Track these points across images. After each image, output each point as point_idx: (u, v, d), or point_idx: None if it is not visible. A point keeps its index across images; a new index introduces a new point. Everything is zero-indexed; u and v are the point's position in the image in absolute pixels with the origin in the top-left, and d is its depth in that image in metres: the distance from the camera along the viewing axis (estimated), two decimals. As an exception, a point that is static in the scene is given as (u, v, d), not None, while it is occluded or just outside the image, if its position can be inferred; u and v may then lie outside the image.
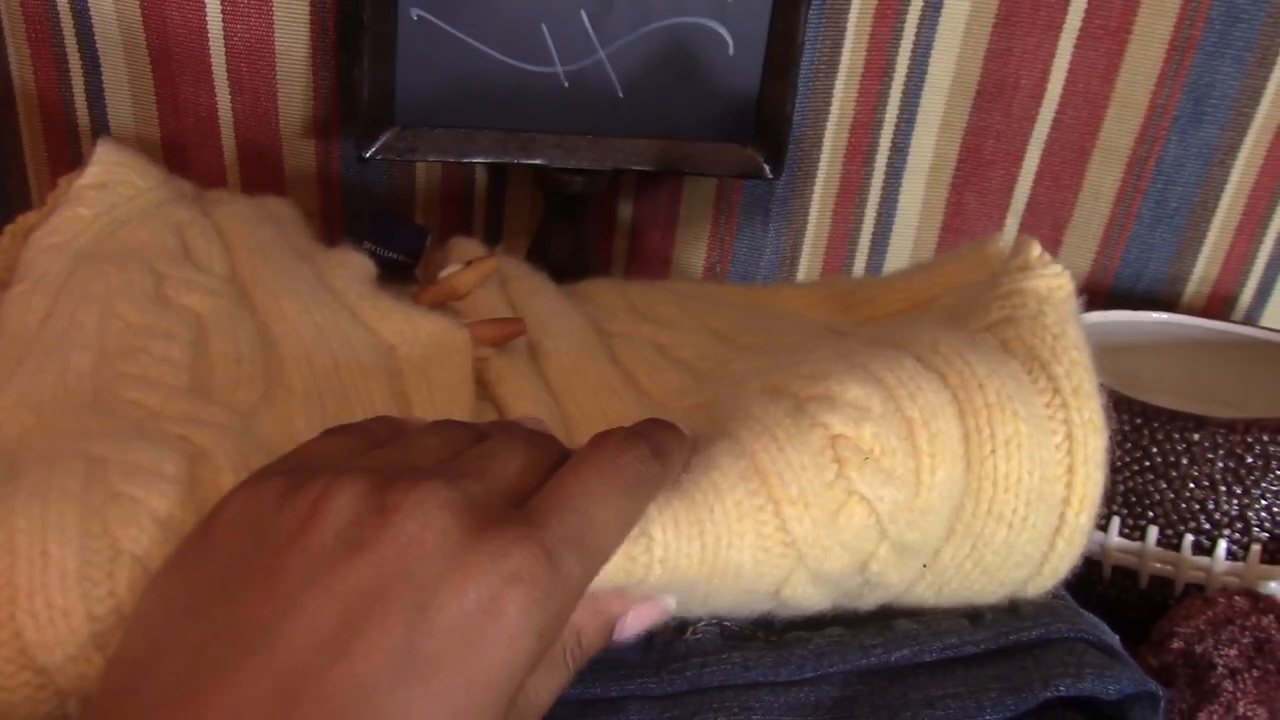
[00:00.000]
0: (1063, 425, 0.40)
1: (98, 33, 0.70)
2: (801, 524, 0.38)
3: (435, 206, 0.78)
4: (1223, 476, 0.57)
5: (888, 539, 0.39)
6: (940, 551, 0.41)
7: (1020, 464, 0.39)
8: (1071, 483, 0.40)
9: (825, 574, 0.39)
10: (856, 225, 0.81)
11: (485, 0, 0.65)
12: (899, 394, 0.39)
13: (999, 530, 0.40)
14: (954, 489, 0.39)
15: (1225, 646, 0.51)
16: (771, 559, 0.38)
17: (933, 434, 0.39)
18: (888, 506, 0.38)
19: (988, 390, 0.40)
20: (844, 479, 0.38)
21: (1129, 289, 0.82)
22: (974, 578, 0.41)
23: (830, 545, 0.38)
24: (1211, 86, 0.74)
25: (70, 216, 0.55)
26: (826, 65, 0.75)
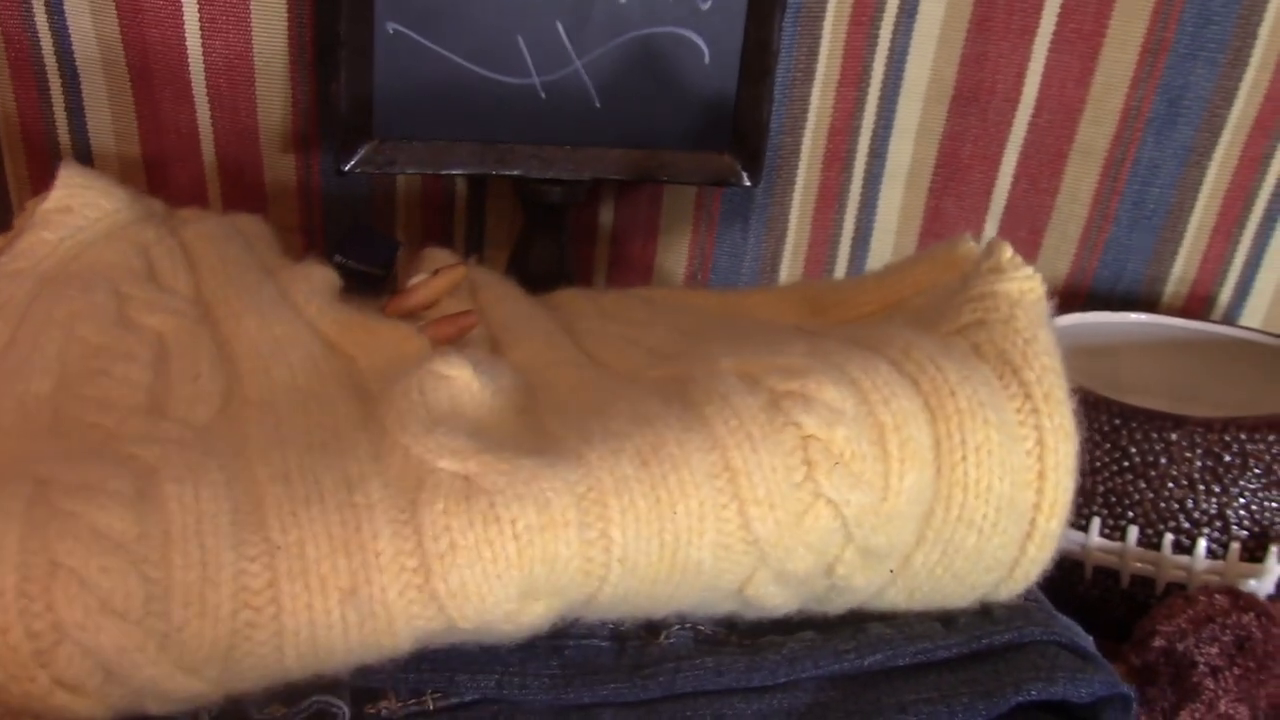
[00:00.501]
0: (1034, 431, 0.41)
1: (77, 51, 0.70)
2: (765, 524, 0.38)
3: (416, 219, 0.78)
4: (1201, 475, 0.57)
5: (853, 543, 0.39)
6: (911, 557, 0.41)
7: (991, 470, 0.40)
8: (1042, 488, 0.41)
9: (789, 574, 0.39)
10: (836, 231, 0.81)
11: (461, 13, 0.65)
12: (873, 398, 0.40)
13: (969, 536, 0.40)
14: (923, 494, 0.39)
15: (1206, 644, 0.51)
16: (733, 557, 0.38)
17: (904, 439, 0.39)
18: (854, 510, 0.39)
19: (959, 397, 0.40)
20: (812, 481, 0.38)
21: (1108, 290, 0.82)
22: (945, 582, 0.42)
23: (794, 546, 0.38)
24: (1185, 88, 0.75)
25: (35, 241, 0.55)
26: (803, 72, 0.75)
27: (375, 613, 0.36)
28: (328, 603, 0.36)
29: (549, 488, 0.38)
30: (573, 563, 0.37)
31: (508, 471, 0.38)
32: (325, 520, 0.37)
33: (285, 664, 0.37)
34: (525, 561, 0.37)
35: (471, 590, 0.37)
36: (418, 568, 0.37)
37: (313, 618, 0.36)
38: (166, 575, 0.35)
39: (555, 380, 0.50)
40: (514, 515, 0.37)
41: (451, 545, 0.37)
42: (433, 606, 0.37)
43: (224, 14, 0.69)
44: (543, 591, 0.37)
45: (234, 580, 0.36)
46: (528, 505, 0.37)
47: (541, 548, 0.37)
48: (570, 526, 0.37)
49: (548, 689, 0.39)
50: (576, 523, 0.37)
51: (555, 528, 0.37)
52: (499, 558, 0.37)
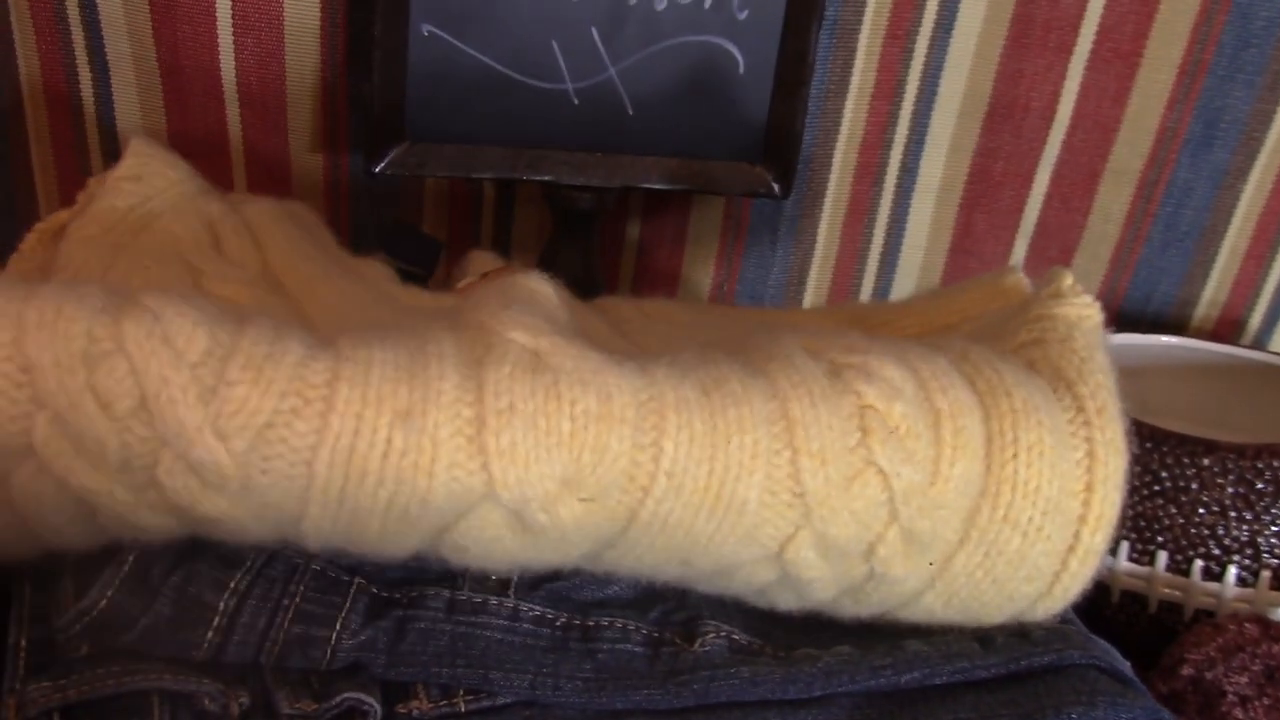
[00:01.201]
0: (1084, 443, 0.41)
1: (108, 45, 0.70)
2: (815, 478, 0.38)
3: (443, 221, 0.78)
4: (1233, 502, 0.56)
5: (898, 522, 0.39)
6: (953, 558, 0.40)
7: (1040, 472, 0.40)
8: (1089, 500, 0.40)
9: (830, 540, 0.39)
10: (865, 245, 0.81)
11: (496, 16, 0.65)
12: (931, 385, 0.40)
13: (1013, 538, 0.40)
14: (971, 486, 0.39)
15: (1236, 674, 0.51)
16: (778, 507, 0.38)
17: (958, 428, 0.39)
18: (903, 485, 0.39)
19: (1014, 397, 0.40)
20: (865, 448, 0.39)
21: (1138, 311, 0.82)
22: (984, 588, 0.41)
23: (839, 509, 0.38)
24: (1222, 110, 0.74)
25: (106, 208, 0.55)
26: (837, 85, 0.75)
27: (421, 445, 0.36)
28: (379, 418, 0.36)
29: (613, 382, 0.38)
30: (620, 461, 0.37)
31: (576, 356, 0.38)
32: (395, 350, 0.37)
33: (314, 479, 0.36)
34: (577, 444, 0.37)
35: (520, 454, 0.36)
36: (473, 418, 0.36)
37: (359, 426, 0.36)
38: (233, 340, 0.36)
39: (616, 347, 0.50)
40: (575, 397, 0.37)
41: (510, 406, 0.37)
42: (478, 460, 0.37)
43: (256, 11, 0.69)
44: (587, 484, 0.37)
45: (295, 366, 0.36)
46: (590, 391, 0.37)
47: (595, 435, 0.37)
48: (626, 424, 0.37)
49: (580, 692, 0.39)
50: (633, 423, 0.37)
51: (611, 420, 0.37)
52: (552, 431, 0.37)
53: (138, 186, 0.57)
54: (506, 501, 0.37)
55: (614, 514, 0.38)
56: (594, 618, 0.41)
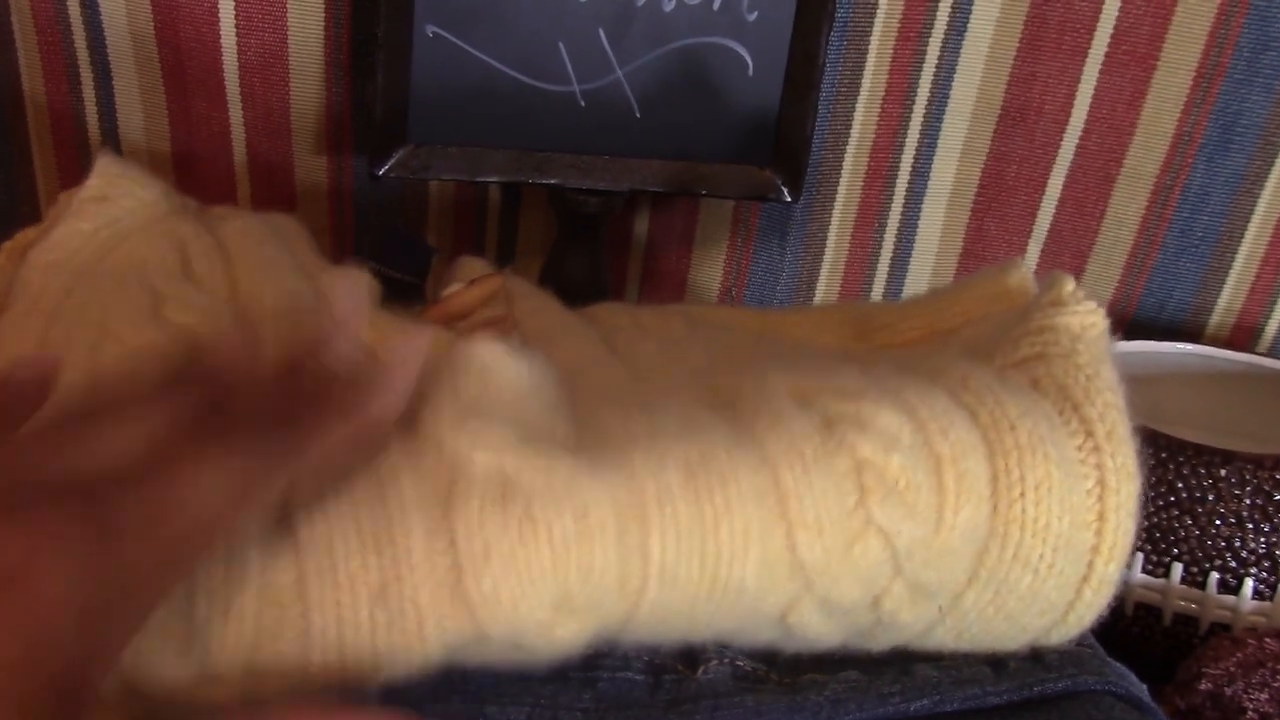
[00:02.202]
0: (1095, 470, 0.40)
1: (110, 45, 0.69)
2: (812, 550, 0.37)
3: (448, 225, 0.78)
4: (1250, 513, 0.56)
5: (903, 576, 0.38)
6: (962, 596, 0.40)
7: (1050, 509, 0.39)
8: (1102, 530, 0.39)
9: (834, 603, 0.38)
10: (875, 250, 0.80)
11: (502, 18, 0.65)
12: (930, 427, 0.39)
13: (1024, 576, 0.39)
14: (977, 531, 0.38)
15: (1255, 690, 0.51)
16: (777, 581, 0.37)
17: (960, 473, 0.38)
18: (905, 542, 0.38)
19: (1019, 431, 0.39)
20: (864, 509, 0.37)
21: (1152, 319, 0.81)
22: (996, 624, 0.40)
23: (841, 575, 0.37)
24: (1239, 114, 0.74)
25: (70, 231, 0.54)
26: (847, 88, 0.74)
27: (405, 613, 0.35)
28: (356, 601, 0.35)
29: (588, 493, 0.36)
30: (609, 574, 0.36)
31: (546, 470, 0.36)
32: (355, 515, 0.36)
33: (310, 669, 0.35)
34: (561, 570, 0.36)
35: (504, 596, 0.35)
36: (450, 567, 0.35)
37: (340, 615, 0.35)
38: (190, 579, 0.34)
39: (597, 380, 0.49)
40: (550, 520, 0.36)
41: (485, 547, 0.35)
42: (464, 611, 0.36)
43: (260, 12, 0.69)
44: (578, 604, 0.36)
45: (259, 577, 0.35)
46: (565, 511, 0.36)
47: (578, 556, 0.36)
48: (608, 535, 0.36)
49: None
50: (615, 532, 0.36)
51: (593, 536, 0.36)
52: (534, 564, 0.36)
53: (103, 207, 0.56)
54: (500, 642, 0.36)
55: (610, 618, 0.37)
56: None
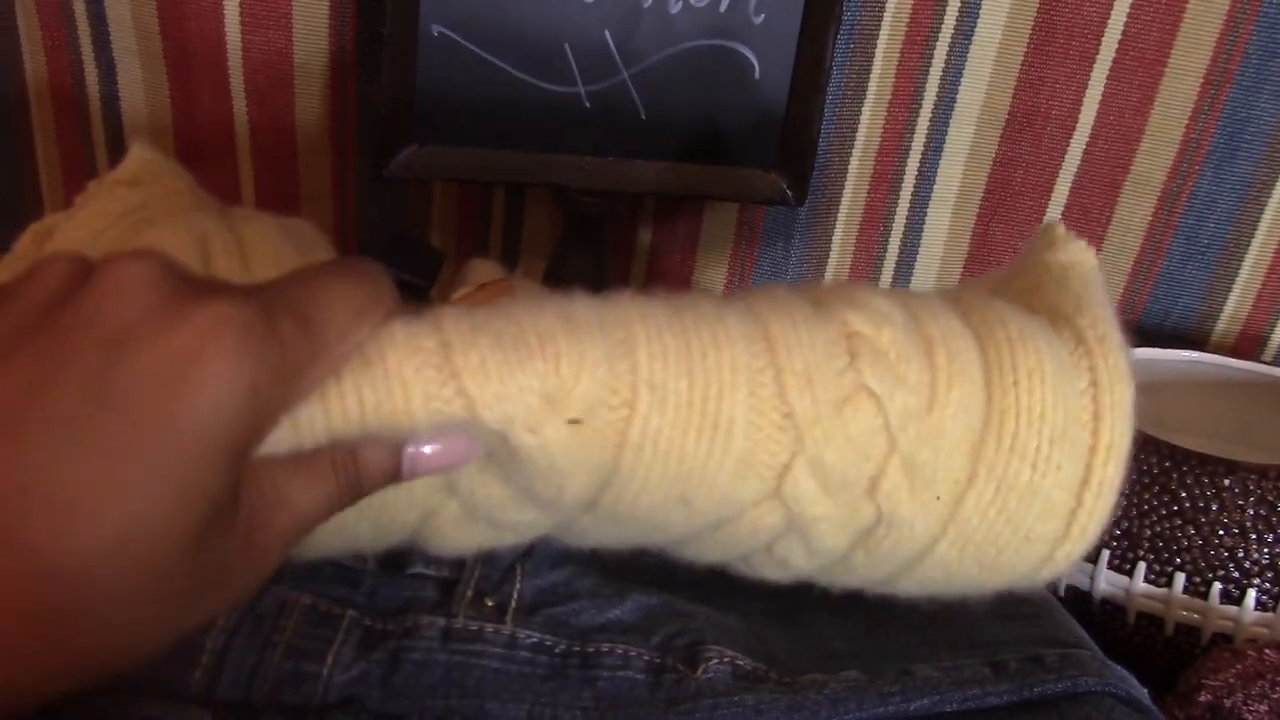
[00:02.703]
0: (1088, 372, 0.39)
1: (114, 40, 0.70)
2: (802, 399, 0.37)
3: (451, 225, 0.78)
4: (1254, 524, 0.56)
5: (898, 451, 0.38)
6: (963, 498, 0.39)
7: (1043, 398, 0.38)
8: (1098, 430, 0.39)
9: (829, 466, 0.37)
10: (880, 254, 0.80)
11: (507, 18, 0.65)
12: (921, 315, 0.39)
13: (1023, 470, 0.39)
14: (971, 416, 0.38)
15: (1255, 702, 0.51)
16: (768, 428, 0.37)
17: (952, 353, 0.38)
18: (898, 409, 0.37)
19: (1009, 326, 0.39)
20: (855, 371, 0.37)
21: (1157, 326, 0.81)
22: (999, 530, 0.39)
23: (833, 433, 0.37)
24: (1247, 121, 0.73)
25: (97, 212, 0.55)
26: (854, 91, 0.74)
27: (392, 389, 0.34)
28: (340, 381, 0.34)
29: (571, 304, 0.36)
30: (599, 369, 0.35)
31: (524, 297, 0.37)
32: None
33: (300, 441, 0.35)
34: (549, 353, 0.35)
35: (492, 368, 0.35)
36: (435, 347, 0.35)
37: (326, 400, 0.34)
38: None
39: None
40: (534, 318, 0.36)
41: (472, 328, 0.35)
42: (452, 385, 0.35)
43: (264, 9, 0.69)
44: (571, 401, 0.35)
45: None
46: (547, 311, 0.36)
47: (566, 344, 0.35)
48: (594, 332, 0.36)
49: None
50: (600, 334, 0.36)
51: (578, 330, 0.36)
52: (520, 344, 0.35)
53: (133, 192, 0.56)
54: (490, 422, 0.35)
55: (603, 436, 0.36)
56: (594, 644, 0.41)
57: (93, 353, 0.29)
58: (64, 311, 0.30)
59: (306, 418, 0.34)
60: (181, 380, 0.30)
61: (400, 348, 0.35)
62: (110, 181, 0.57)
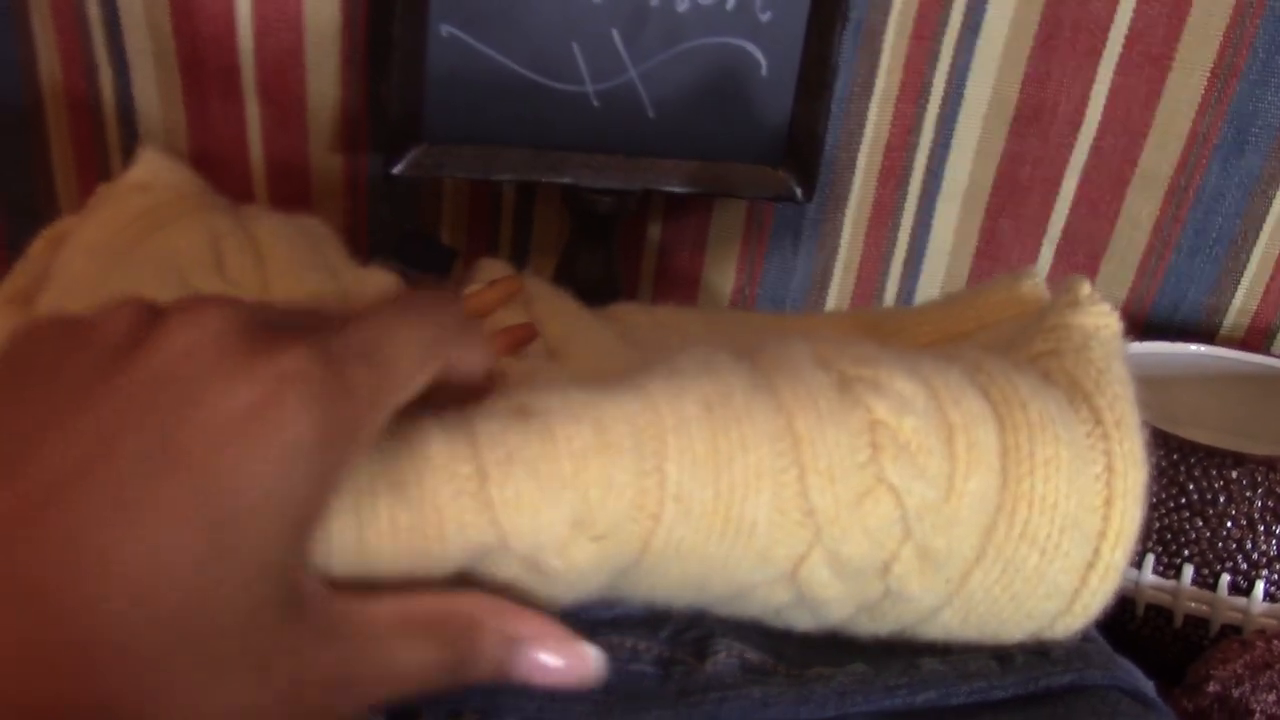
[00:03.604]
0: (1103, 456, 0.40)
1: (128, 42, 0.70)
2: (824, 497, 0.37)
3: (462, 224, 0.78)
4: (1261, 515, 0.56)
5: (912, 539, 0.38)
6: (969, 575, 0.40)
7: (1058, 487, 0.39)
8: (1109, 515, 0.39)
9: (844, 559, 0.38)
10: (889, 250, 0.80)
11: (516, 18, 0.65)
12: (943, 397, 0.39)
13: (1031, 555, 0.39)
14: (986, 502, 0.39)
15: (1263, 692, 0.51)
16: (789, 526, 0.37)
17: (971, 442, 0.38)
18: (916, 502, 0.38)
19: (1030, 410, 0.39)
20: (876, 464, 0.38)
21: (1166, 319, 0.81)
22: (1003, 605, 0.40)
23: (851, 527, 0.37)
24: (1254, 115, 0.74)
25: (110, 216, 0.55)
26: (861, 87, 0.74)
27: (426, 515, 0.35)
28: (375, 501, 0.35)
29: (608, 412, 0.37)
30: (627, 491, 0.36)
31: (562, 395, 0.37)
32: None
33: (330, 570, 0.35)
34: (580, 482, 0.36)
35: (525, 502, 0.35)
36: (471, 474, 0.35)
37: (360, 518, 0.34)
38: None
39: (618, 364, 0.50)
40: (570, 434, 0.36)
41: (508, 456, 0.35)
42: (485, 515, 0.35)
43: (276, 11, 0.69)
44: (598, 523, 0.36)
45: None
46: (584, 426, 0.36)
47: (597, 469, 0.36)
48: (626, 453, 0.36)
49: (589, 714, 0.38)
50: (633, 450, 0.36)
51: (611, 451, 0.36)
52: (554, 474, 0.36)
53: (144, 196, 0.57)
54: (518, 550, 0.36)
55: (627, 546, 0.37)
56: (604, 637, 0.41)
57: (157, 412, 0.29)
58: (129, 365, 0.29)
59: (339, 530, 0.34)
60: (245, 439, 0.29)
61: (438, 472, 0.35)
62: (121, 187, 0.57)
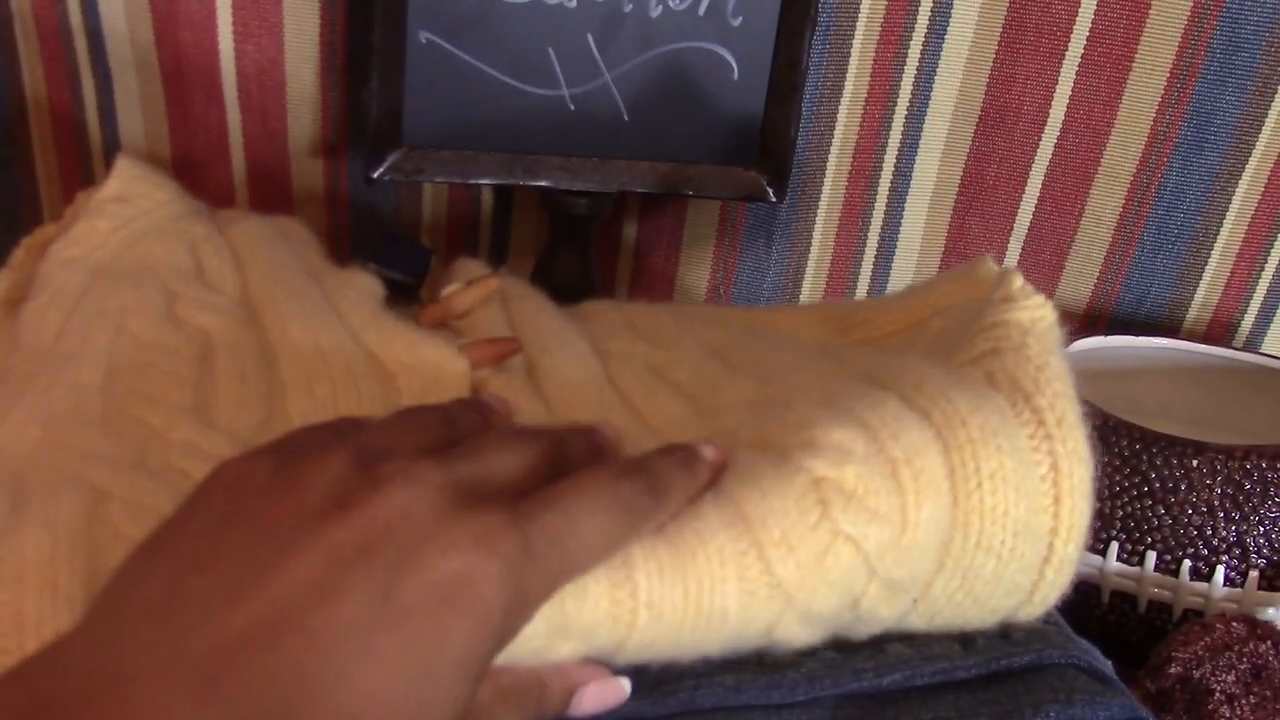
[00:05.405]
0: (1047, 457, 0.41)
1: (110, 51, 0.70)
2: (786, 566, 0.38)
3: (441, 227, 0.79)
4: (1221, 502, 0.57)
5: (877, 577, 0.39)
6: (931, 584, 0.41)
7: (1006, 496, 0.40)
8: (1058, 513, 0.41)
9: (815, 614, 0.39)
10: (859, 249, 0.81)
11: (493, 24, 0.66)
12: (882, 435, 0.40)
13: (988, 562, 0.40)
14: (941, 524, 0.39)
15: (1223, 672, 0.51)
16: (758, 602, 0.38)
17: (916, 471, 0.39)
18: (874, 545, 0.38)
19: (970, 426, 0.40)
20: (829, 520, 0.38)
21: (1130, 314, 0.82)
22: (965, 607, 0.42)
23: (817, 586, 0.38)
24: (1213, 114, 0.75)
25: (88, 229, 0.56)
26: (830, 90, 0.75)
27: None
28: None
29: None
30: (601, 603, 0.37)
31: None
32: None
33: None
34: (556, 598, 0.36)
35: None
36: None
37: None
38: None
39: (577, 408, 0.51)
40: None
41: None
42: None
43: (256, 19, 0.70)
44: (573, 631, 0.37)
45: None
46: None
47: (572, 586, 0.37)
48: (598, 569, 0.37)
49: (568, 705, 0.39)
50: (603, 566, 0.37)
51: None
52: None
53: (121, 207, 0.57)
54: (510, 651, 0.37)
55: (602, 649, 0.38)
56: None
57: (379, 568, 0.31)
58: (347, 519, 0.32)
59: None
60: (452, 605, 0.32)
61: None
62: (98, 199, 0.57)
